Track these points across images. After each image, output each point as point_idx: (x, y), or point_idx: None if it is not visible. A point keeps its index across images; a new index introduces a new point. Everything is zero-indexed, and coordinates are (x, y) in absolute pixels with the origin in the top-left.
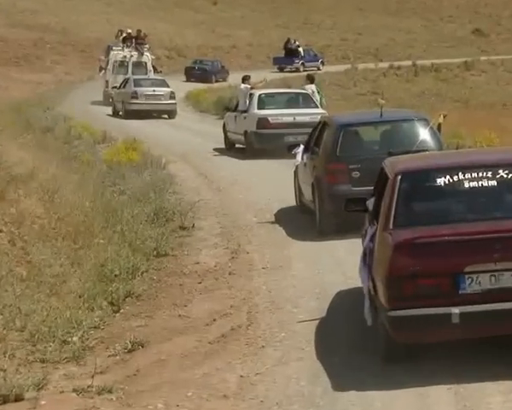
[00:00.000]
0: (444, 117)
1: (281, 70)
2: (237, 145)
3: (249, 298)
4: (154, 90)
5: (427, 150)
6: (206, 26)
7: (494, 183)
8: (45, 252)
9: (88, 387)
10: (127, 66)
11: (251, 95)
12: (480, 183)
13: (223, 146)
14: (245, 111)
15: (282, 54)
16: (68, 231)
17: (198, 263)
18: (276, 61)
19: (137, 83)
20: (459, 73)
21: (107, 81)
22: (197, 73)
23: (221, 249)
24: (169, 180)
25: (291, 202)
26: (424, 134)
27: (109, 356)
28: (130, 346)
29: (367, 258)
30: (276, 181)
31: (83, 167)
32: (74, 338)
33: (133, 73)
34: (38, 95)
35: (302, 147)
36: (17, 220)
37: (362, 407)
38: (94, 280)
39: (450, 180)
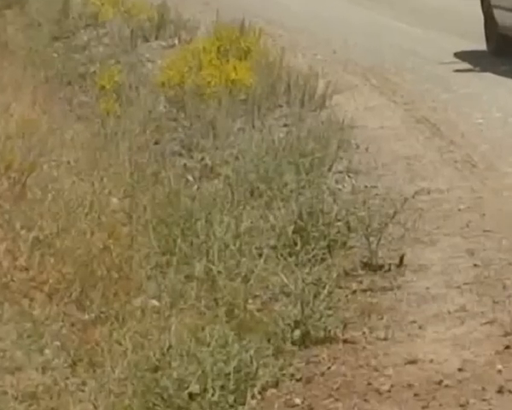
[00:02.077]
0: None
1: None
2: None
3: None
4: None
5: None
6: None
7: None
8: (2, 332)
9: None
10: None
11: None
12: None
13: (479, 47)
14: None
15: None
16: (64, 275)
17: (415, 362)
18: None
19: None
20: None
21: None
22: None
23: (477, 324)
24: (337, 137)
25: None
26: None
27: None
28: None
29: None
30: None
31: (103, 105)
32: None
33: None
34: None
35: None
36: None
37: None
38: (134, 407)
39: None
